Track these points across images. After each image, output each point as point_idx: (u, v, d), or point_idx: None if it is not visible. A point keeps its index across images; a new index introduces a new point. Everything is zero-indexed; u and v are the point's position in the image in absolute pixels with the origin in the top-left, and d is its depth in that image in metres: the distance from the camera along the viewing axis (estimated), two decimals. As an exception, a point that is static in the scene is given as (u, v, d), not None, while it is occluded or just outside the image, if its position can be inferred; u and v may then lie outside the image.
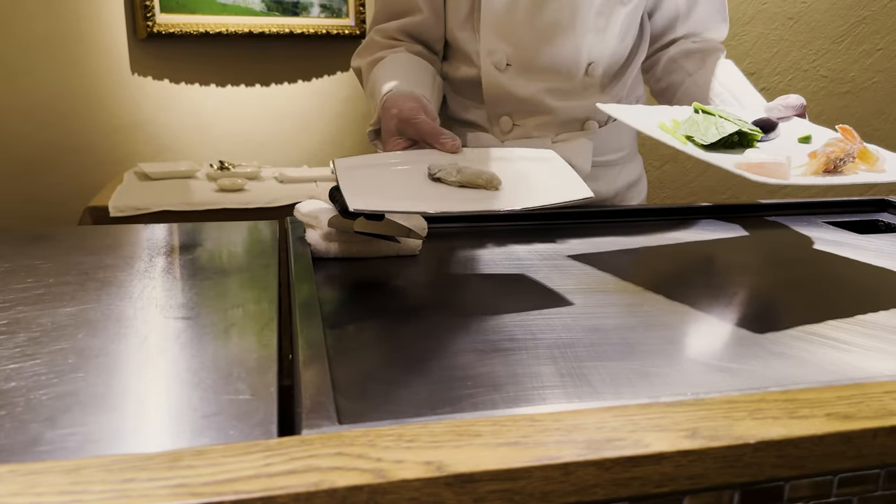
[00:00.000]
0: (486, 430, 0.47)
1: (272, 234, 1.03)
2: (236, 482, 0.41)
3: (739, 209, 1.21)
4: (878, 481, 0.52)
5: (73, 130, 2.71)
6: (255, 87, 2.89)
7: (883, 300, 0.80)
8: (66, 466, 0.43)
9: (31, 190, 2.68)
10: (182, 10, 2.71)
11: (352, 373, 0.60)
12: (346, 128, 3.00)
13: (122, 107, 2.75)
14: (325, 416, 0.49)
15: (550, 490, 0.45)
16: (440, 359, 0.66)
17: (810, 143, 0.95)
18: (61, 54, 2.66)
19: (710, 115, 0.90)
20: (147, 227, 1.10)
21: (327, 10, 2.86)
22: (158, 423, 0.52)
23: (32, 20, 2.60)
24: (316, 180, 2.52)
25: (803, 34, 2.71)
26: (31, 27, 2.61)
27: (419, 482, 0.42)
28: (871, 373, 0.63)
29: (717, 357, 0.66)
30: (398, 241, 0.90)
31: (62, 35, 2.64)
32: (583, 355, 0.66)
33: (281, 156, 2.92)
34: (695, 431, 0.48)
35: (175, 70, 2.79)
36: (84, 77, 2.69)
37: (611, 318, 0.76)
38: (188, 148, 2.84)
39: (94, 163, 2.74)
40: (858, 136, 0.90)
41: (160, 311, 0.73)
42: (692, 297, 0.81)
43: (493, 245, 0.98)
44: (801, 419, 0.50)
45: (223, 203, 2.24)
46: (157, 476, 0.42)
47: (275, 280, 0.82)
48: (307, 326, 0.65)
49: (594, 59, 1.15)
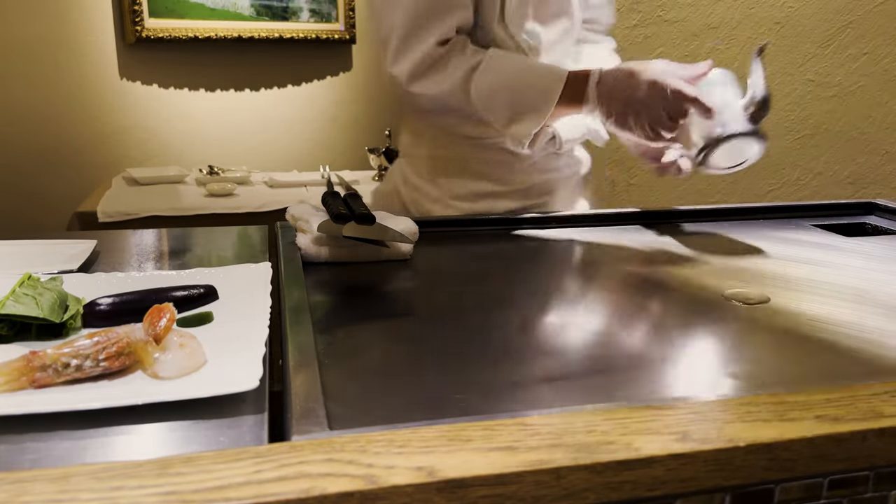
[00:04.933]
0: (477, 434, 0.47)
1: (262, 238, 1.03)
2: (226, 489, 0.41)
3: (727, 213, 1.21)
4: (867, 483, 0.52)
5: (62, 136, 2.70)
6: (244, 91, 2.88)
7: (870, 302, 0.80)
8: (53, 474, 0.42)
9: (19, 195, 2.67)
10: (171, 14, 2.71)
11: (342, 378, 0.60)
12: (337, 132, 2.99)
13: (111, 112, 2.74)
14: (315, 421, 0.49)
15: (542, 495, 0.45)
16: (431, 363, 0.66)
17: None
18: (49, 59, 2.64)
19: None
20: (136, 232, 1.09)
21: (317, 14, 2.86)
22: (147, 430, 0.52)
23: (20, 25, 2.59)
24: (306, 185, 2.52)
25: (790, 38, 2.72)
26: (19, 32, 2.60)
27: (410, 488, 0.42)
28: (862, 374, 0.63)
29: (704, 359, 0.66)
30: (387, 246, 0.90)
31: (50, 40, 2.63)
32: (574, 359, 0.66)
33: (270, 160, 2.92)
34: (685, 434, 0.48)
35: (164, 75, 2.78)
36: (72, 82, 2.68)
37: (603, 320, 0.76)
38: (177, 153, 2.84)
39: (82, 168, 2.73)
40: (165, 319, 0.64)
41: (149, 316, 0.73)
42: (679, 300, 0.81)
43: (483, 249, 0.98)
44: (791, 422, 0.50)
45: (213, 208, 2.24)
46: (147, 484, 0.41)
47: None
48: (297, 331, 0.65)
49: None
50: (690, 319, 0.75)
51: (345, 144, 3.00)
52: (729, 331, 0.72)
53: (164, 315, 0.63)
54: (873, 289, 0.85)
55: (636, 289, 0.85)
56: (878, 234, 1.13)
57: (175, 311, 0.65)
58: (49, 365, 0.56)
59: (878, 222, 1.18)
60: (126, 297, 0.71)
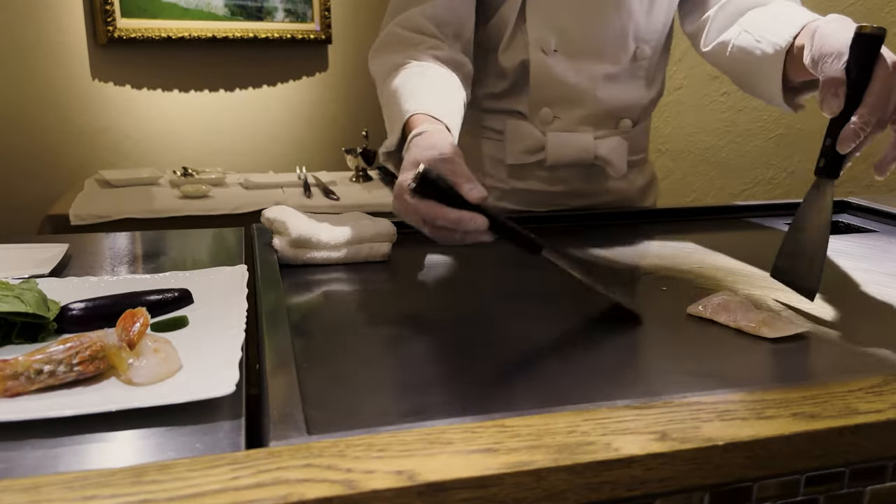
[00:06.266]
0: (457, 437, 0.47)
1: (238, 241, 1.02)
2: (203, 497, 0.40)
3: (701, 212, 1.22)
4: (843, 479, 0.53)
5: (32, 137, 2.65)
6: (218, 92, 2.85)
7: (845, 300, 0.81)
8: (24, 484, 0.41)
9: (-13, 198, 2.62)
10: (143, 14, 2.67)
11: (320, 382, 0.59)
12: (312, 133, 2.98)
13: (83, 113, 2.70)
14: (293, 426, 0.49)
15: (523, 496, 0.45)
16: (410, 366, 0.65)
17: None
18: (19, 60, 2.60)
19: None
20: (109, 235, 1.08)
21: (292, 14, 2.84)
22: (121, 437, 0.51)
23: (-12, 25, 2.55)
24: (282, 186, 2.50)
25: (763, 39, 2.76)
26: (-13, 32, 2.55)
27: (390, 492, 0.42)
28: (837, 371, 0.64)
29: (683, 359, 0.67)
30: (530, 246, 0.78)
31: (20, 40, 2.59)
32: (553, 359, 0.66)
33: (246, 161, 2.89)
34: (664, 434, 0.48)
35: (136, 75, 2.75)
36: (43, 83, 2.64)
37: (580, 320, 0.77)
38: (150, 154, 2.80)
39: (53, 170, 2.68)
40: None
41: (123, 321, 0.71)
42: (659, 299, 0.82)
43: (462, 250, 0.98)
44: (768, 420, 0.50)
45: (187, 210, 2.21)
46: (120, 492, 0.40)
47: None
48: (274, 335, 0.64)
49: (642, 39, 1.13)
50: (665, 319, 0.76)
51: (321, 145, 2.98)
52: (703, 331, 0.73)
53: (137, 320, 0.62)
54: (846, 287, 0.86)
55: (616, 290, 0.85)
56: (851, 232, 1.15)
57: (148, 316, 0.64)
58: (21, 373, 0.55)
59: (851, 220, 1.20)
60: (99, 302, 0.70)
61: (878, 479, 0.54)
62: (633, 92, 1.17)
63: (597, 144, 1.15)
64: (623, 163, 1.17)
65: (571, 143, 1.15)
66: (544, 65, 1.11)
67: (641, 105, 1.18)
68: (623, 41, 1.12)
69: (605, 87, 1.14)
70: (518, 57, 1.12)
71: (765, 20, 1.02)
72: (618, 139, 1.16)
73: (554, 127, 1.15)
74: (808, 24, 0.93)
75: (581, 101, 1.14)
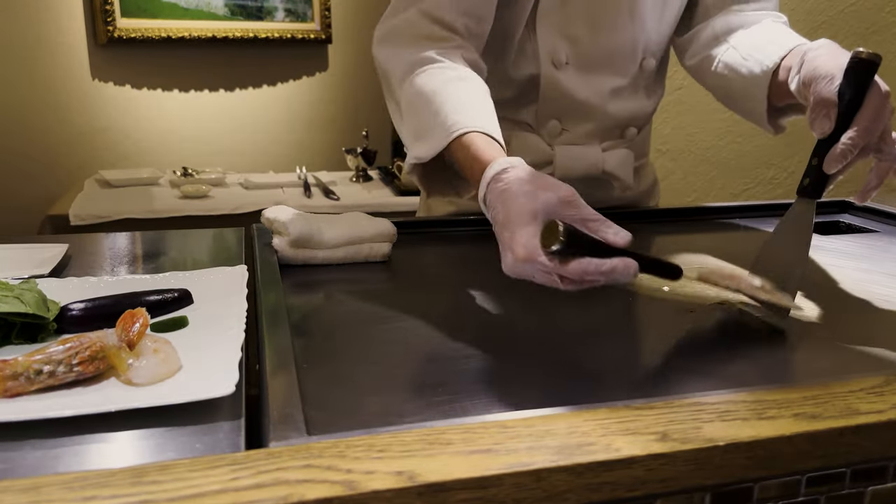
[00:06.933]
0: (457, 437, 0.47)
1: (238, 241, 1.02)
2: (203, 497, 0.40)
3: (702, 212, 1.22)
4: (844, 480, 0.53)
5: (32, 138, 2.65)
6: (218, 92, 2.85)
7: (846, 300, 0.81)
8: (24, 485, 0.41)
9: (-13, 198, 2.62)
10: (143, 14, 2.68)
11: (320, 382, 0.59)
12: (312, 132, 2.98)
13: (83, 113, 2.70)
14: (293, 427, 0.49)
15: (523, 497, 0.44)
16: (410, 366, 0.65)
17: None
18: (19, 60, 2.60)
19: None
20: (109, 235, 1.07)
21: (292, 14, 2.84)
22: (121, 438, 0.51)
23: (-12, 25, 2.55)
24: (282, 186, 2.50)
25: (763, 39, 2.76)
26: (-13, 32, 2.55)
27: (391, 493, 0.42)
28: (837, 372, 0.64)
29: (684, 359, 0.67)
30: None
31: (20, 41, 2.59)
32: (553, 360, 0.66)
33: (246, 162, 2.89)
34: (665, 435, 0.48)
35: (136, 75, 2.75)
36: (43, 83, 2.64)
37: (579, 321, 0.77)
38: (150, 154, 2.80)
39: (53, 170, 2.68)
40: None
41: (123, 321, 0.71)
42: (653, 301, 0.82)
43: (462, 250, 0.98)
44: (769, 420, 0.50)
45: (187, 210, 2.21)
46: (121, 493, 0.40)
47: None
48: (274, 335, 0.64)
49: (648, 50, 1.12)
50: (665, 319, 0.76)
51: (321, 145, 2.98)
52: (704, 330, 0.73)
53: (137, 320, 0.62)
54: (847, 287, 0.86)
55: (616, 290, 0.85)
56: (852, 232, 1.15)
57: (148, 316, 0.64)
58: (21, 373, 0.55)
59: (852, 220, 1.20)
60: (99, 302, 0.70)
61: (879, 479, 0.54)
62: (638, 102, 1.16)
63: (604, 158, 1.14)
64: (629, 177, 1.16)
65: (580, 158, 1.14)
66: (555, 79, 1.09)
67: (646, 114, 1.18)
68: (633, 54, 1.11)
69: (613, 100, 1.13)
70: (528, 69, 1.09)
71: (753, 39, 1.03)
72: (625, 152, 1.16)
73: (562, 140, 1.14)
74: (796, 46, 0.93)
75: (590, 115, 1.12)
